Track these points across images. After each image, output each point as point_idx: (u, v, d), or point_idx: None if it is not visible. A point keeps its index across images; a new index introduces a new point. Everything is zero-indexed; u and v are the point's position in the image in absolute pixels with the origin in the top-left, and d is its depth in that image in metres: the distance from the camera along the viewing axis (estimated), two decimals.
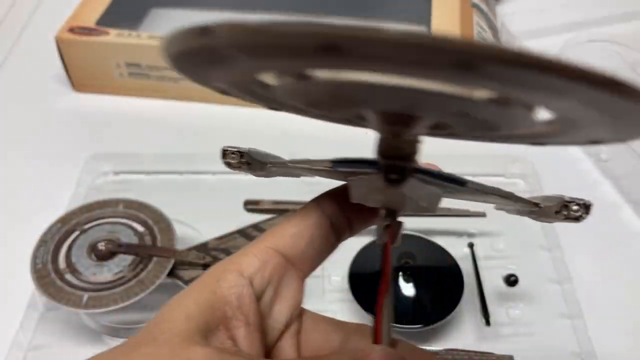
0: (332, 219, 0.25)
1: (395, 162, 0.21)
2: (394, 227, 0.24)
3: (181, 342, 0.20)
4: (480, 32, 0.61)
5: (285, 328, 0.25)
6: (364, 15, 0.67)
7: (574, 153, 0.57)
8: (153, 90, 0.62)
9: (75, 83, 0.64)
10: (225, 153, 0.24)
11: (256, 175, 0.26)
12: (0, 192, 0.54)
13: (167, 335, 0.20)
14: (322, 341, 0.25)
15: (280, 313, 0.24)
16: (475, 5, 0.63)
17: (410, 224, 0.48)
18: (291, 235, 0.25)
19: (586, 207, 0.22)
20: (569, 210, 0.22)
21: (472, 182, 0.23)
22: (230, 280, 0.23)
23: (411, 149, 0.21)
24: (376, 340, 0.23)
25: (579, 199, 0.22)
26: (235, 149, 0.24)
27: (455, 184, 0.22)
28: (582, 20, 0.71)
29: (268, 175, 0.26)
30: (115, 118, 0.60)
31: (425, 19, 0.62)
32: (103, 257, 0.43)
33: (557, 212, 0.22)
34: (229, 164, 0.24)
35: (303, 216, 0.25)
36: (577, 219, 0.22)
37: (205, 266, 0.44)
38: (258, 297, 0.23)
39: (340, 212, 0.25)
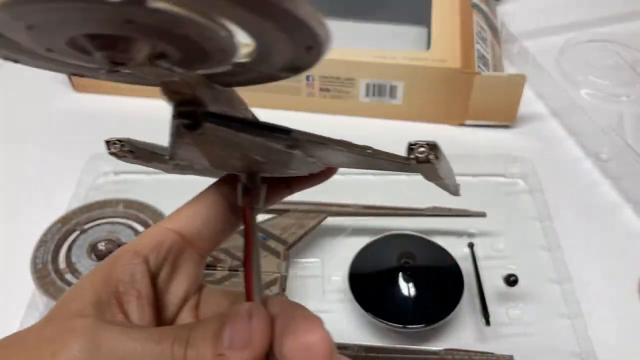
0: (229, 198, 0.27)
1: (186, 107, 0.21)
2: (254, 189, 0.26)
3: (70, 316, 0.22)
4: (480, 32, 0.61)
5: (183, 302, 0.27)
6: (364, 15, 0.67)
7: (575, 153, 0.57)
8: (153, 90, 0.61)
9: (75, 83, 0.64)
10: (107, 144, 0.25)
11: (165, 170, 0.27)
12: (1, 192, 0.54)
13: (61, 312, 0.23)
14: (214, 311, 0.27)
15: (177, 288, 0.26)
16: (475, 5, 0.63)
17: (411, 224, 0.48)
18: (188, 215, 0.27)
19: (430, 147, 0.21)
20: (416, 152, 0.21)
21: (300, 132, 0.22)
22: (125, 259, 0.25)
23: (191, 90, 0.21)
24: (247, 297, 0.24)
25: (423, 141, 0.21)
26: (116, 139, 0.25)
27: (276, 132, 0.22)
28: (582, 19, 0.71)
29: (175, 169, 0.27)
30: (115, 118, 0.60)
31: (425, 19, 0.62)
32: (103, 257, 0.43)
33: (408, 158, 0.21)
34: (114, 154, 0.25)
35: (200, 198, 0.27)
36: (427, 161, 0.21)
37: (206, 266, 0.44)
38: (154, 275, 0.26)
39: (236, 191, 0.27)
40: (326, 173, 0.28)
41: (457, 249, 0.46)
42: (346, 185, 0.53)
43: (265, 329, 0.22)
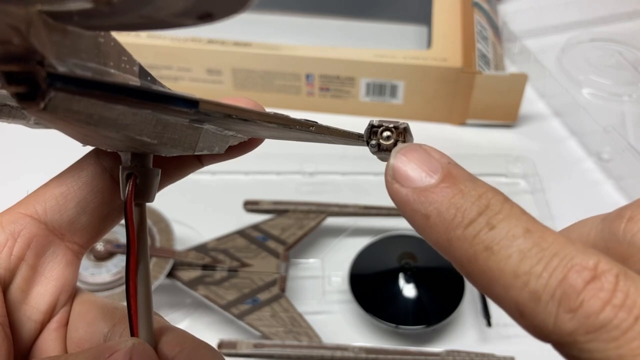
0: (114, 173, 0.20)
1: (16, 66, 0.13)
2: (141, 177, 0.19)
3: None
4: (481, 31, 0.61)
5: (48, 318, 0.20)
6: (364, 14, 0.66)
7: (576, 153, 0.57)
8: None
9: None
10: None
11: (31, 127, 0.20)
12: (0, 193, 0.54)
13: None
14: (87, 334, 0.20)
15: (39, 300, 0.20)
16: (476, 4, 0.63)
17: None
18: (55, 196, 0.20)
19: (399, 132, 0.17)
20: (380, 138, 0.17)
21: (211, 103, 0.16)
22: None
23: (22, 36, 0.13)
24: (133, 331, 0.18)
25: (388, 121, 0.18)
26: None
27: (173, 104, 0.15)
28: (584, 19, 0.70)
29: (44, 127, 0.20)
30: None
31: (426, 18, 0.62)
32: (101, 257, 0.42)
33: (368, 143, 0.18)
34: None
35: (73, 172, 0.20)
36: (389, 150, 0.17)
37: (205, 267, 0.43)
38: (5, 281, 0.19)
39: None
40: (251, 144, 0.21)
41: None
42: (346, 185, 0.53)
43: None
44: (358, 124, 0.68)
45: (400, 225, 0.48)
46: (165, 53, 0.58)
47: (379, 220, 0.49)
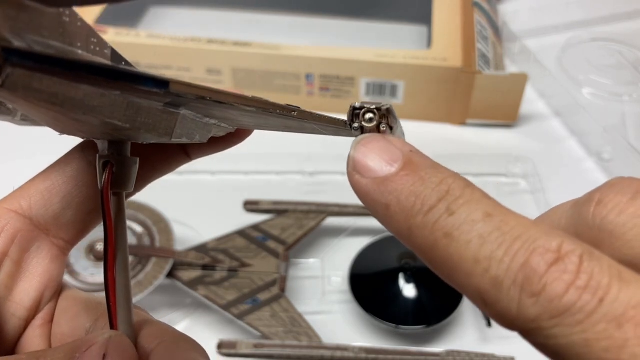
0: None
1: None
2: (117, 164, 0.18)
3: None
4: (481, 31, 0.61)
5: (32, 315, 0.20)
6: (364, 14, 0.66)
7: (577, 153, 0.57)
8: None
9: None
10: None
11: (14, 123, 0.20)
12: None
13: None
14: (70, 329, 0.20)
15: (23, 296, 0.19)
16: (476, 4, 0.63)
17: None
18: (41, 191, 0.20)
19: (381, 114, 0.16)
20: (362, 120, 0.17)
21: (184, 84, 0.15)
22: None
23: None
24: (112, 324, 0.18)
25: (370, 103, 0.17)
26: None
27: (142, 83, 0.14)
28: (584, 18, 0.70)
29: (25, 123, 0.20)
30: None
31: (426, 17, 0.62)
32: (101, 258, 0.42)
33: (350, 126, 0.17)
34: None
35: (59, 166, 0.20)
36: (377, 129, 0.17)
37: (205, 267, 0.43)
38: None
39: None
40: (239, 135, 0.20)
41: None
42: (346, 185, 0.53)
43: None
44: None
45: None
46: (164, 53, 0.58)
47: None
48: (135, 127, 0.16)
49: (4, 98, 0.14)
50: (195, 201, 0.51)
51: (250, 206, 0.51)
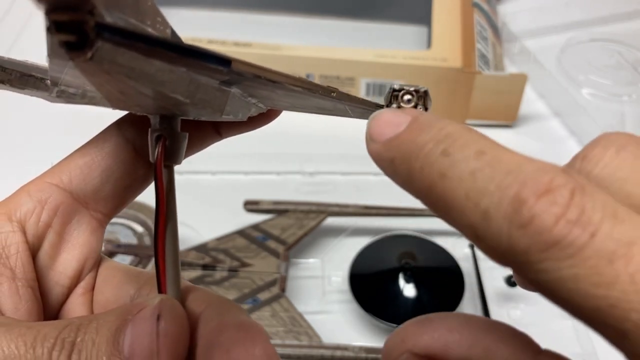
0: (136, 143, 0.21)
1: (66, 14, 0.13)
2: (170, 139, 0.19)
3: None
4: (481, 31, 0.61)
5: (74, 283, 0.21)
6: (364, 14, 0.66)
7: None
8: None
9: None
10: None
11: (45, 98, 0.20)
12: (0, 194, 0.54)
13: None
14: (114, 296, 0.21)
15: (66, 265, 0.20)
16: (476, 5, 0.63)
17: (411, 224, 0.48)
18: (80, 166, 0.20)
19: (419, 95, 0.18)
20: (400, 101, 0.18)
21: (243, 62, 0.16)
22: None
23: None
24: (161, 289, 0.19)
25: (409, 85, 0.18)
26: None
27: (209, 61, 0.15)
28: (584, 19, 0.70)
29: (59, 98, 0.19)
30: (115, 118, 0.60)
31: (426, 18, 0.62)
32: None
33: (389, 107, 0.18)
34: None
35: (97, 143, 0.21)
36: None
37: (205, 267, 0.43)
38: (34, 247, 0.20)
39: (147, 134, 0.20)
40: (269, 115, 0.21)
41: (458, 250, 0.46)
42: (346, 185, 0.53)
43: (179, 337, 0.17)
44: (358, 124, 0.68)
45: (400, 225, 0.48)
46: None
47: (379, 220, 0.49)
48: (193, 102, 0.17)
49: (86, 71, 0.15)
50: (195, 201, 0.51)
51: (251, 206, 0.51)
